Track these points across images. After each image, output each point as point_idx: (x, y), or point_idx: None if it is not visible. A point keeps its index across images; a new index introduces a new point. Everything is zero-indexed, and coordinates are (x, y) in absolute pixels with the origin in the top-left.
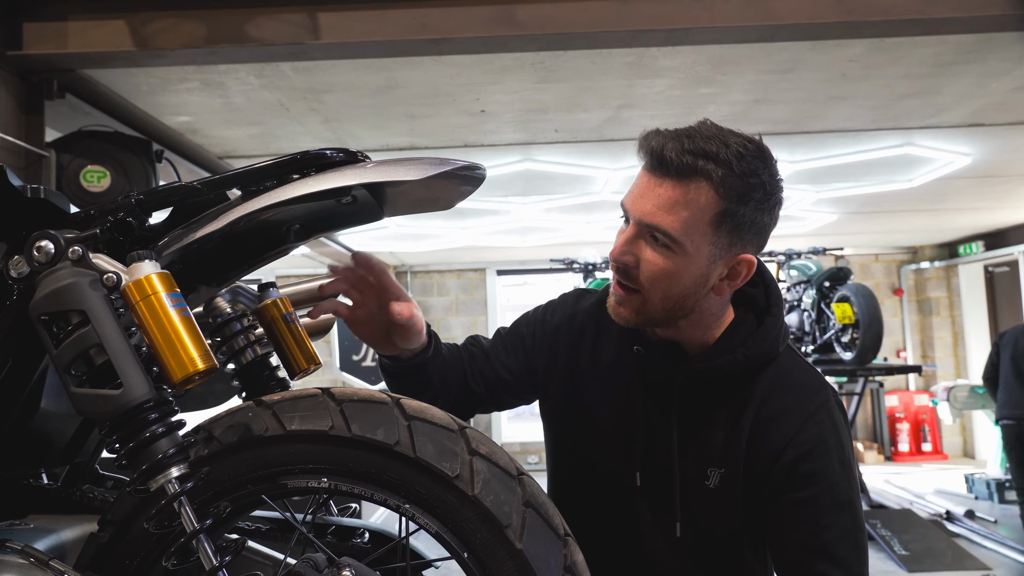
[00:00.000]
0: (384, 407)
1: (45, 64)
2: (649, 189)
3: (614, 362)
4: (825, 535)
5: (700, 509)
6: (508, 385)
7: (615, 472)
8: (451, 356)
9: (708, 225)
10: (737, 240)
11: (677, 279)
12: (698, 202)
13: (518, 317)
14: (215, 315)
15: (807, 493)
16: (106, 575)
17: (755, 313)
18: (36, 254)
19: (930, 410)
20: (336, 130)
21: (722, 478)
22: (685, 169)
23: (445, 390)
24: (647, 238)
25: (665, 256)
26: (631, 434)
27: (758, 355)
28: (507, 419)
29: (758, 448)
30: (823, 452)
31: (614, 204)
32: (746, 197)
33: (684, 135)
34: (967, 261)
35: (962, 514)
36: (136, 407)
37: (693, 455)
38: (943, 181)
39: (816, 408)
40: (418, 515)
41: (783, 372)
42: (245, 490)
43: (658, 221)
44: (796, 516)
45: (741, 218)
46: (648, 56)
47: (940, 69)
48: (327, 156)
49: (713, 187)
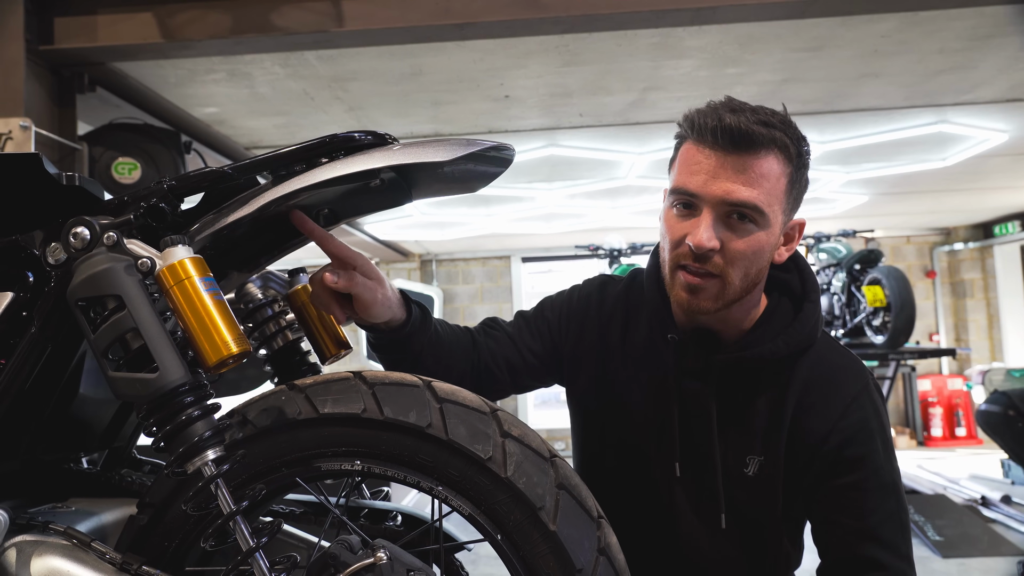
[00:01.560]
0: (416, 390)
1: (76, 58)
2: (721, 168)
3: (646, 350)
4: (871, 518)
5: (738, 497)
6: (533, 369)
7: (652, 460)
8: (452, 338)
9: (783, 192)
10: (797, 204)
11: (760, 254)
12: (774, 171)
13: (541, 300)
14: (246, 301)
15: (854, 478)
16: (146, 556)
17: (790, 299)
18: (72, 240)
19: (964, 394)
20: (360, 118)
21: (761, 465)
22: (758, 141)
23: (442, 371)
24: (727, 219)
25: (751, 232)
26: (667, 423)
27: (799, 342)
28: (533, 406)
29: (801, 435)
30: (867, 436)
31: (639, 189)
32: (801, 161)
33: (736, 108)
34: (1003, 242)
35: (998, 499)
36: (172, 390)
37: (731, 443)
38: (978, 159)
39: (858, 392)
40: (451, 497)
41: (822, 357)
42: (279, 473)
43: (745, 197)
44: (842, 501)
45: (801, 181)
46: (674, 36)
47: (977, 43)
48: (356, 139)
49: (782, 153)
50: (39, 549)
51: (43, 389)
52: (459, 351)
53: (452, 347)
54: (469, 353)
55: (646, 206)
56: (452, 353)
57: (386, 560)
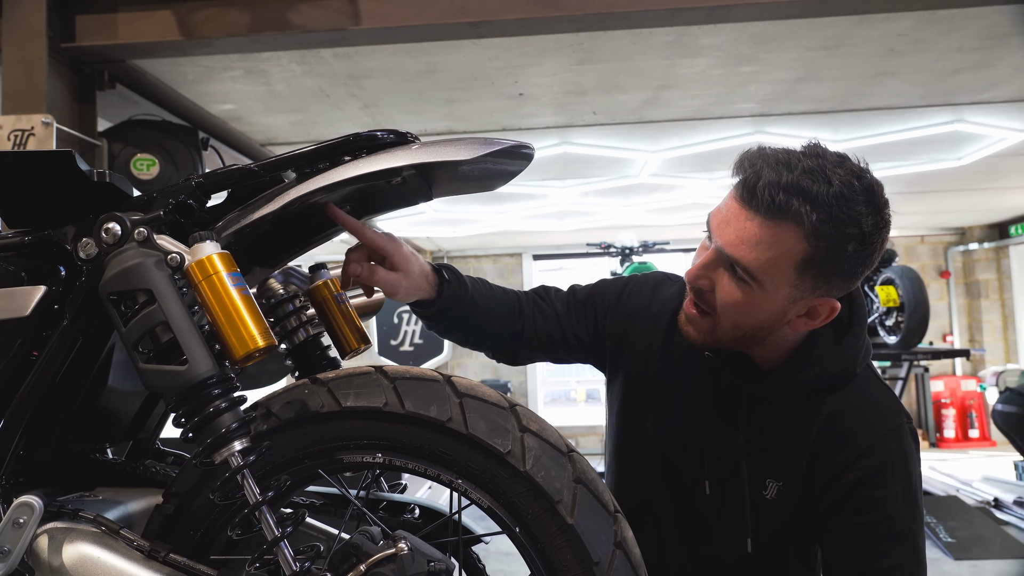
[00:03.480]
0: (436, 384)
1: (97, 55)
2: (735, 219)
3: (684, 361)
4: (877, 564)
5: (757, 519)
6: (573, 351)
7: (683, 474)
8: (492, 307)
9: (792, 268)
10: (822, 284)
11: (750, 312)
12: (785, 245)
13: (597, 283)
14: (268, 296)
15: (865, 519)
16: (172, 544)
17: (835, 328)
18: (104, 236)
19: (977, 395)
20: (375, 115)
21: (779, 491)
22: (776, 210)
23: (474, 340)
24: (726, 266)
25: (741, 289)
26: (696, 438)
27: (833, 375)
28: (543, 403)
29: (819, 465)
30: (887, 480)
31: (652, 187)
32: (839, 247)
33: (784, 164)
34: (1018, 242)
35: (1011, 501)
36: (201, 382)
37: (753, 465)
38: (994, 159)
39: (887, 433)
40: (470, 490)
41: (857, 390)
42: (303, 464)
43: (739, 255)
44: (850, 540)
45: (830, 266)
46: (689, 35)
47: (995, 41)
48: (378, 138)
49: (804, 232)
50: (71, 536)
51: (74, 380)
52: (497, 321)
53: (489, 317)
54: (510, 322)
55: (658, 204)
56: (488, 323)
57: (407, 551)
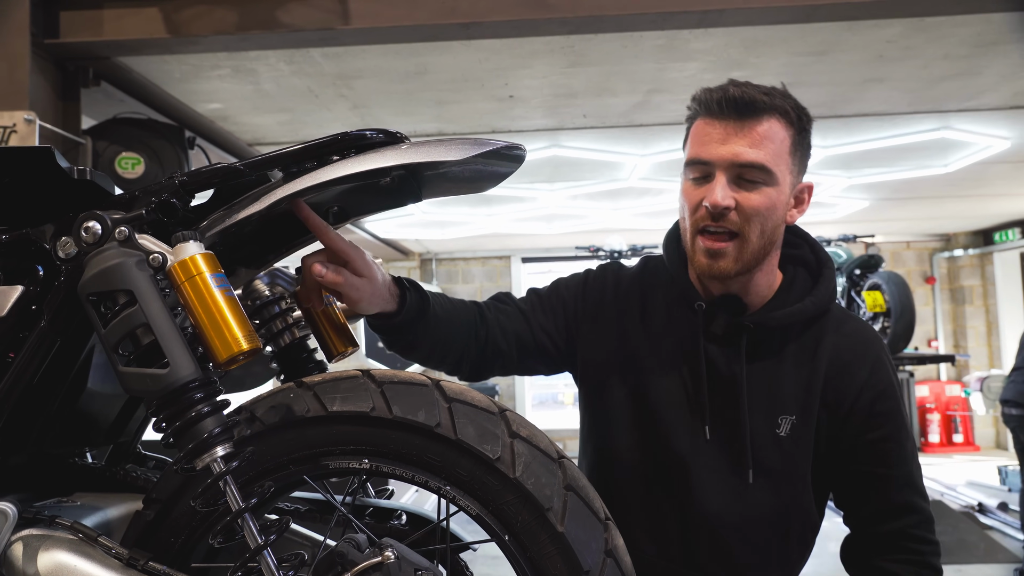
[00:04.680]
0: (424, 389)
1: (81, 52)
2: (730, 133)
3: (666, 324)
4: (904, 467)
5: (770, 457)
6: (543, 348)
7: (678, 429)
8: (453, 318)
9: (788, 154)
10: (803, 166)
11: (772, 210)
12: (777, 133)
13: (555, 280)
14: (254, 297)
15: (886, 430)
16: (152, 552)
17: (805, 269)
18: (84, 235)
19: (961, 400)
20: (364, 116)
21: (793, 425)
22: (750, 107)
23: (438, 354)
24: (738, 180)
25: (761, 191)
26: (696, 390)
27: (823, 303)
28: (531, 407)
29: (836, 392)
30: (892, 392)
31: (642, 191)
32: (801, 126)
33: (735, 84)
34: (1003, 249)
35: (995, 506)
36: (183, 386)
37: (761, 405)
38: (980, 166)
39: (879, 352)
40: (459, 497)
41: (844, 321)
42: (287, 470)
43: (752, 158)
44: (878, 453)
45: (804, 144)
46: (680, 39)
47: (982, 49)
48: (367, 137)
49: (783, 118)
50: (46, 543)
51: (52, 383)
52: (460, 331)
53: (451, 328)
54: (474, 329)
55: (648, 208)
56: (451, 334)
57: (393, 559)
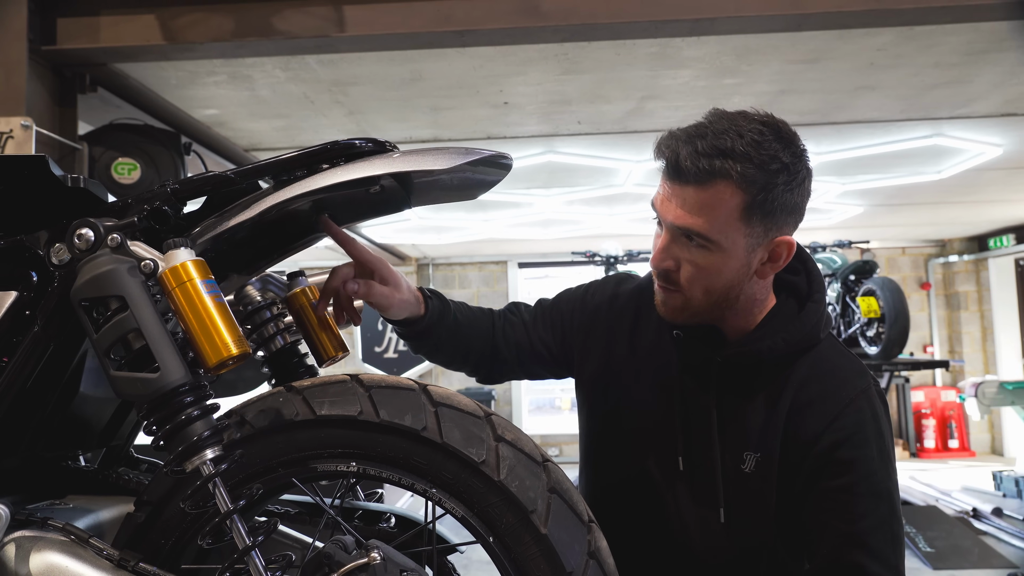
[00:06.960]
0: (411, 393)
1: (78, 58)
2: (674, 196)
3: (653, 346)
4: (861, 524)
5: (736, 493)
6: (542, 358)
7: (656, 456)
8: (471, 323)
9: (738, 220)
10: (772, 225)
11: (718, 274)
12: (723, 201)
13: (560, 292)
14: (245, 303)
15: (844, 480)
16: (143, 553)
17: (796, 299)
18: (77, 241)
19: (957, 406)
20: (360, 122)
21: (758, 462)
22: (703, 174)
23: (460, 356)
24: (681, 240)
25: (703, 254)
26: (670, 418)
27: (798, 340)
28: (528, 412)
29: (795, 433)
30: (862, 440)
31: (637, 196)
32: (770, 184)
33: (696, 135)
34: (997, 255)
35: (989, 512)
36: (173, 390)
37: (730, 439)
38: (973, 173)
39: (856, 395)
40: (444, 500)
41: (823, 358)
42: (276, 473)
43: (688, 224)
44: (832, 503)
45: (770, 205)
46: (672, 47)
47: (972, 57)
48: (356, 146)
49: (735, 184)
50: (38, 545)
51: (45, 387)
52: (477, 336)
53: (470, 333)
54: (488, 336)
55: (643, 213)
56: (470, 339)
57: (379, 560)
